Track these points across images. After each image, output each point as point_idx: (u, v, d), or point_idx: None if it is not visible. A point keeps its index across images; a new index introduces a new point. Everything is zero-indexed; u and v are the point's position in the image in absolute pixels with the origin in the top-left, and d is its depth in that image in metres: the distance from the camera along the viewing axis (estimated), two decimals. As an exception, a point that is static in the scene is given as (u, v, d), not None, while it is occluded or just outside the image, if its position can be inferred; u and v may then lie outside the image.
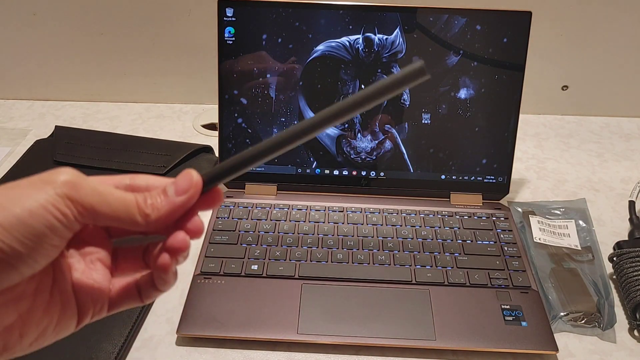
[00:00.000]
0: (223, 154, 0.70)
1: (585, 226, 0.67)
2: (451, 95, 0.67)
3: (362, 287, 0.58)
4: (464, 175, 0.69)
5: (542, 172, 0.79)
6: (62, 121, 0.87)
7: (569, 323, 0.56)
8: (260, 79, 0.67)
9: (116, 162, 0.74)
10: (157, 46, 0.87)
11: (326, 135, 0.69)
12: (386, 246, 0.63)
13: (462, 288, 0.58)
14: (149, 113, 0.90)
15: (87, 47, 0.87)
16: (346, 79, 0.67)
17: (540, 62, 0.85)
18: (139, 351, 0.53)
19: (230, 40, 0.66)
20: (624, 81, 0.88)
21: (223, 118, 0.69)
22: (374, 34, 0.65)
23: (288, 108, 0.68)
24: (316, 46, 0.66)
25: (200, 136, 0.85)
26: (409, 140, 0.68)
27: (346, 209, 0.68)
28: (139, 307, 0.55)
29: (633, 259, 0.58)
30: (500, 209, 0.69)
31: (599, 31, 0.83)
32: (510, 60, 0.65)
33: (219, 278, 0.58)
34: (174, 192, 0.30)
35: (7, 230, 0.26)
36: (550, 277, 0.60)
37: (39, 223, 0.27)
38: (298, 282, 0.58)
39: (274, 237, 0.64)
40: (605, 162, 0.81)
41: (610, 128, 0.89)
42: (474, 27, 0.64)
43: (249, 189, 0.70)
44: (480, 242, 0.64)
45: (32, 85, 0.92)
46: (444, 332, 0.53)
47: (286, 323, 0.54)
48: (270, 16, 0.65)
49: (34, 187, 0.28)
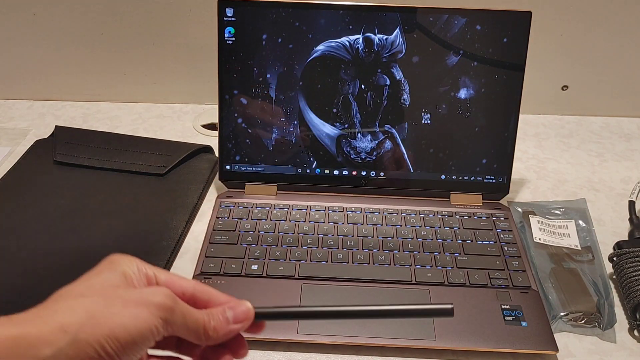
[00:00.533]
0: (223, 154, 0.70)
1: (585, 226, 0.67)
2: (451, 95, 0.67)
3: (362, 287, 0.58)
4: (464, 175, 0.69)
5: (542, 172, 0.79)
6: (62, 121, 0.87)
7: (569, 323, 0.56)
8: (260, 79, 0.67)
9: (116, 162, 0.74)
10: (157, 46, 0.87)
11: (326, 135, 0.69)
12: (386, 246, 0.63)
13: (462, 288, 0.58)
14: (149, 113, 0.90)
15: (87, 47, 0.87)
16: (346, 79, 0.67)
17: (540, 62, 0.85)
18: (139, 351, 0.53)
19: (230, 40, 0.66)
20: (624, 81, 0.88)
21: (223, 118, 0.69)
22: (374, 34, 0.65)
23: (288, 108, 0.68)
24: (316, 46, 0.66)
25: (200, 136, 0.85)
26: (409, 140, 0.68)
27: (346, 209, 0.68)
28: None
29: (633, 259, 0.58)
30: (500, 209, 0.69)
31: (599, 31, 0.83)
32: (510, 60, 0.65)
33: (219, 278, 0.58)
34: (232, 319, 0.37)
35: (122, 345, 0.32)
36: (550, 277, 0.60)
37: (144, 341, 0.33)
38: (298, 282, 0.58)
39: (274, 237, 0.64)
40: (605, 162, 0.81)
41: (610, 128, 0.89)
42: (474, 27, 0.64)
43: (249, 189, 0.70)
44: (480, 242, 0.64)
45: (32, 85, 0.92)
46: (444, 332, 0.53)
47: (286, 323, 0.54)
48: (270, 16, 0.65)
49: (137, 306, 0.33)
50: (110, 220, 0.65)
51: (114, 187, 0.70)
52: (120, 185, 0.71)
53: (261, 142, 0.69)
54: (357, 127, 0.68)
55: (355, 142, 0.69)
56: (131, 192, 0.70)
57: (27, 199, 0.68)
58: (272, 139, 0.69)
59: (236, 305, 0.37)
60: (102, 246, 0.62)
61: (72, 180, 0.71)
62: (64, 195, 0.69)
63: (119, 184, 0.71)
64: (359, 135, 0.69)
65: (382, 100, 0.67)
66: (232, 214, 0.67)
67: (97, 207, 0.67)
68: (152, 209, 0.67)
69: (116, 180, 0.72)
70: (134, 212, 0.67)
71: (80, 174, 0.72)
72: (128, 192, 0.70)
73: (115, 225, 0.65)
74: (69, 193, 0.69)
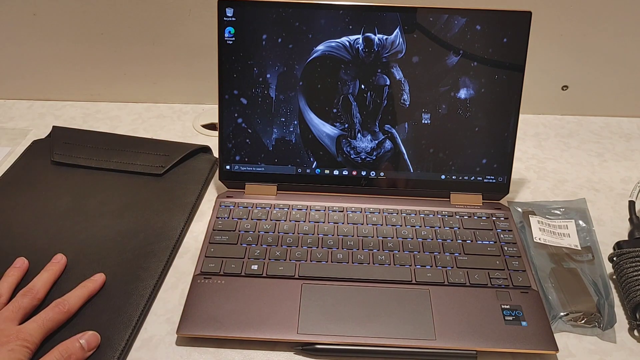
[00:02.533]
0: (223, 154, 0.70)
1: (585, 226, 0.67)
2: (451, 95, 0.67)
3: (362, 287, 0.58)
4: (464, 175, 0.69)
5: (542, 172, 0.79)
6: (62, 121, 0.88)
7: (569, 323, 0.56)
8: (260, 79, 0.67)
9: (114, 163, 0.74)
10: (157, 46, 0.87)
11: (326, 135, 0.69)
12: (386, 246, 0.63)
13: (462, 288, 0.58)
14: (149, 113, 0.90)
15: (87, 47, 0.87)
16: (346, 79, 0.67)
17: (540, 62, 0.85)
18: (139, 351, 0.53)
19: (230, 40, 0.66)
20: (624, 81, 0.88)
21: (223, 118, 0.69)
22: (374, 34, 0.65)
23: (288, 108, 0.68)
24: (316, 46, 0.66)
25: (200, 136, 0.85)
26: (409, 140, 0.68)
27: (346, 209, 0.68)
28: (138, 310, 0.55)
29: (633, 259, 0.58)
30: (500, 209, 0.69)
31: (599, 31, 0.83)
32: (510, 60, 0.65)
33: (219, 278, 0.58)
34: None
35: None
36: (550, 277, 0.60)
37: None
38: (298, 282, 0.58)
39: (274, 237, 0.63)
40: (605, 162, 0.81)
41: (610, 128, 0.89)
42: (474, 27, 0.64)
43: (249, 189, 0.70)
44: (480, 242, 0.64)
45: (32, 85, 0.92)
46: (444, 332, 0.53)
47: (286, 323, 0.54)
48: (270, 16, 0.65)
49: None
50: (108, 221, 0.65)
51: (112, 188, 0.70)
52: (118, 186, 0.71)
53: (261, 142, 0.69)
54: (357, 127, 0.68)
55: (355, 142, 0.69)
56: (129, 193, 0.70)
57: (24, 199, 0.68)
58: (272, 139, 0.69)
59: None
60: (101, 247, 0.62)
61: (69, 180, 0.71)
62: (62, 196, 0.69)
63: (117, 184, 0.71)
64: (359, 135, 0.68)
65: (382, 100, 0.67)
66: (232, 214, 0.67)
67: (95, 208, 0.67)
68: (150, 209, 0.67)
69: (114, 180, 0.72)
70: (132, 213, 0.67)
71: (78, 175, 0.72)
72: (126, 193, 0.70)
73: (114, 225, 0.65)
74: (67, 193, 0.69)
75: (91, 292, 0.56)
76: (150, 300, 0.57)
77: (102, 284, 0.57)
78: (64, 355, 0.48)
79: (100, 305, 0.55)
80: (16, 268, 0.57)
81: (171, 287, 0.60)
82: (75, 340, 0.50)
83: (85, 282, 0.56)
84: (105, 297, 0.56)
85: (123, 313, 0.54)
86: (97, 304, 0.55)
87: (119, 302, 0.55)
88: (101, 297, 0.56)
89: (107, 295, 0.56)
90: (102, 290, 0.57)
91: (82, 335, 0.51)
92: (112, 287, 0.57)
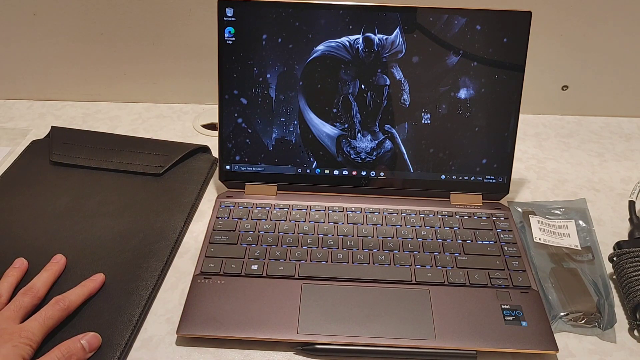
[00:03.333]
0: (223, 154, 0.70)
1: (585, 226, 0.67)
2: (451, 95, 0.67)
3: (362, 287, 0.58)
4: (464, 175, 0.69)
5: (542, 172, 0.79)
6: (62, 121, 0.88)
7: (569, 323, 0.56)
8: (260, 79, 0.67)
9: (113, 162, 0.74)
10: (157, 46, 0.87)
11: (326, 135, 0.69)
12: (386, 246, 0.63)
13: (462, 288, 0.58)
14: (149, 113, 0.90)
15: (87, 47, 0.87)
16: (346, 79, 0.67)
17: (540, 62, 0.85)
18: (139, 351, 0.53)
19: (230, 40, 0.66)
20: (624, 81, 0.88)
21: (223, 118, 0.69)
22: (374, 34, 0.65)
23: (288, 108, 0.68)
24: (316, 46, 0.66)
25: (200, 136, 0.85)
26: (409, 140, 0.68)
27: (346, 209, 0.68)
28: (138, 310, 0.55)
29: (633, 259, 0.58)
30: (500, 209, 0.69)
31: (599, 31, 0.83)
32: (510, 60, 0.65)
33: (219, 278, 0.58)
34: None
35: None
36: (550, 277, 0.60)
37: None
38: (298, 282, 0.58)
39: (274, 237, 0.63)
40: (605, 162, 0.81)
41: (610, 128, 0.89)
42: (474, 27, 0.64)
43: (249, 189, 0.70)
44: (480, 242, 0.64)
45: (32, 85, 0.92)
46: (444, 332, 0.53)
47: (286, 323, 0.54)
48: (270, 16, 0.65)
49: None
50: (107, 221, 0.65)
51: (110, 188, 0.70)
52: (117, 186, 0.71)
53: (261, 142, 0.69)
54: (357, 127, 0.68)
55: (355, 142, 0.69)
56: (128, 193, 0.70)
57: (23, 200, 0.68)
58: (272, 139, 0.69)
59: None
60: (100, 247, 0.62)
61: (68, 180, 0.71)
62: (61, 196, 0.69)
63: (116, 184, 0.71)
64: (359, 135, 0.68)
65: (382, 100, 0.67)
66: (232, 214, 0.67)
67: (94, 208, 0.67)
68: (149, 209, 0.67)
69: (113, 180, 0.72)
70: (132, 213, 0.67)
71: (76, 175, 0.72)
72: (125, 193, 0.70)
73: (113, 225, 0.65)
74: (66, 194, 0.69)
75: (91, 291, 0.56)
76: (150, 300, 0.57)
77: (101, 283, 0.57)
78: (65, 355, 0.48)
79: (100, 305, 0.55)
80: (16, 268, 0.57)
81: (171, 287, 0.60)
82: (77, 341, 0.50)
83: (85, 281, 0.56)
84: (105, 297, 0.56)
85: (123, 313, 0.54)
86: (97, 304, 0.55)
87: (119, 302, 0.55)
88: (101, 297, 0.56)
89: (107, 295, 0.56)
90: (102, 290, 0.57)
91: (83, 335, 0.51)
92: (112, 287, 0.57)
